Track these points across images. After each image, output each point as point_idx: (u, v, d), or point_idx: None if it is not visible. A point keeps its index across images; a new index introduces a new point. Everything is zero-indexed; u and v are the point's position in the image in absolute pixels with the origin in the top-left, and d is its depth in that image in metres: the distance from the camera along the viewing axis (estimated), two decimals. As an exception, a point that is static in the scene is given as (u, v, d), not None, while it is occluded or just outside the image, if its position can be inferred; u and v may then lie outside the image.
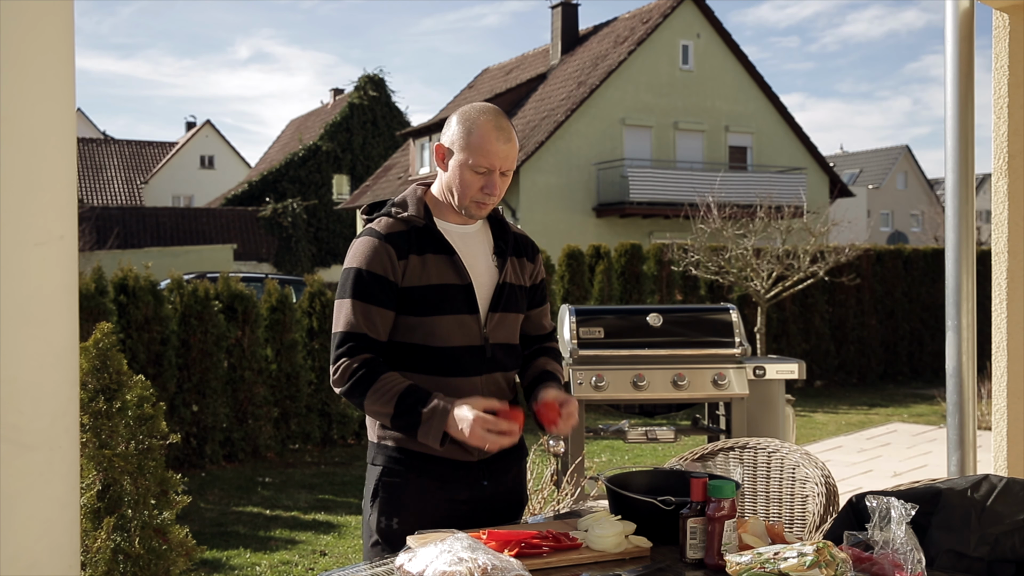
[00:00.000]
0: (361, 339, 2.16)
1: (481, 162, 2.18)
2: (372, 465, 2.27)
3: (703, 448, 2.74)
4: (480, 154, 2.17)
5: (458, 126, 2.21)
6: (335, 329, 2.20)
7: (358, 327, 2.16)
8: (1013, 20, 3.35)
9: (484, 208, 2.25)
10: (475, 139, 2.18)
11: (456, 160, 2.20)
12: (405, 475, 2.21)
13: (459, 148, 2.20)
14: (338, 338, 2.19)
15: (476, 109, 2.23)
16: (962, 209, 3.20)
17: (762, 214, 11.14)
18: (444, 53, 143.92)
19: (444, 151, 2.24)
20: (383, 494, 2.22)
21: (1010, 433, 3.35)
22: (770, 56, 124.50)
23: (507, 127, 2.21)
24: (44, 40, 1.40)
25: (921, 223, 45.38)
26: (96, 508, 3.17)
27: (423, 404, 2.12)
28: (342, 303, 2.20)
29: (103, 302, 7.34)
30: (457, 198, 2.23)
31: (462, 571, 1.70)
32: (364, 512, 2.29)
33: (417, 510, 2.19)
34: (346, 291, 2.19)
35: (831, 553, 1.69)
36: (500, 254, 2.32)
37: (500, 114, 2.23)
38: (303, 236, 31.45)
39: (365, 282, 2.17)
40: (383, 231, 2.21)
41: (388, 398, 2.12)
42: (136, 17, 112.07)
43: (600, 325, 4.87)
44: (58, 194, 1.43)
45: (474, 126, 2.19)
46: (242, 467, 7.83)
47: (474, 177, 2.19)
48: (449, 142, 2.23)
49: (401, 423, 2.13)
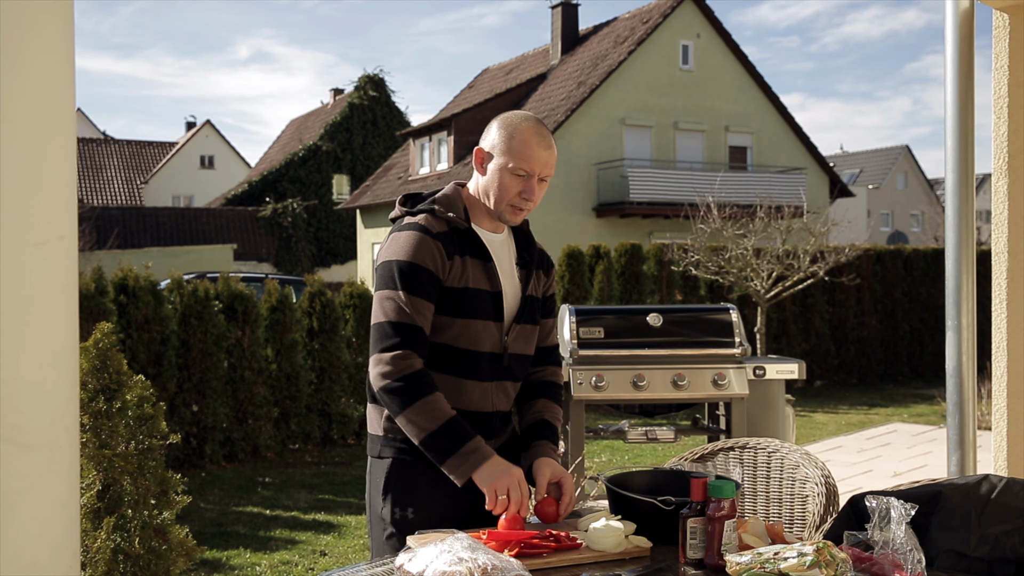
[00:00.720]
0: (414, 332, 2.14)
1: (522, 166, 2.21)
2: (379, 459, 2.27)
3: (703, 448, 2.74)
4: (521, 158, 2.21)
5: (499, 131, 2.26)
6: (383, 319, 2.16)
7: (411, 319, 2.14)
8: (1013, 20, 3.35)
9: (519, 214, 2.28)
10: (516, 143, 2.22)
11: (496, 164, 2.24)
12: (416, 465, 2.22)
13: (500, 152, 2.24)
14: (387, 328, 2.15)
15: (518, 116, 2.28)
16: (962, 209, 3.20)
17: (762, 214, 11.14)
18: (444, 53, 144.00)
19: (484, 155, 2.28)
20: (396, 485, 2.23)
21: (1010, 433, 3.35)
22: (770, 56, 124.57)
23: (548, 135, 2.26)
24: (44, 40, 1.40)
25: (921, 223, 45.39)
26: (96, 508, 3.17)
27: (467, 438, 2.12)
28: (391, 294, 2.16)
29: (103, 302, 7.34)
30: (494, 202, 2.25)
31: (462, 571, 1.70)
32: (373, 507, 2.28)
33: (431, 499, 2.21)
34: (395, 283, 2.16)
35: (831, 553, 1.69)
36: (524, 266, 2.36)
37: (541, 122, 2.29)
38: (303, 236, 31.47)
39: (416, 275, 2.16)
40: (431, 228, 2.20)
41: (436, 417, 2.11)
42: (136, 17, 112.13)
43: (600, 325, 4.87)
44: (58, 194, 1.43)
45: (516, 131, 2.24)
46: (242, 467, 7.83)
47: (513, 181, 2.23)
48: (489, 146, 2.26)
49: (436, 444, 2.11)
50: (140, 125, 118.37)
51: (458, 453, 2.10)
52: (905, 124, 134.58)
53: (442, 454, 2.11)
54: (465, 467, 2.10)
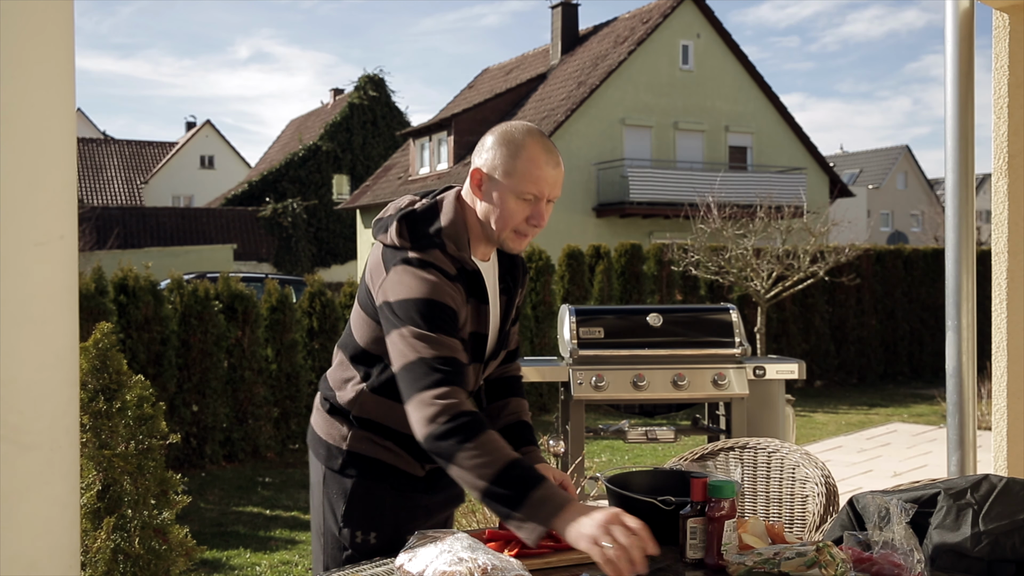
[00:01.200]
0: (457, 366, 1.86)
1: (529, 189, 1.96)
2: (339, 474, 2.08)
3: (703, 448, 2.74)
4: (528, 180, 1.96)
5: (500, 148, 1.98)
6: (415, 356, 1.85)
7: (451, 352, 1.87)
8: (1013, 20, 3.35)
9: (524, 240, 2.03)
10: (523, 164, 1.96)
11: (499, 188, 1.97)
12: (382, 486, 2.07)
13: (503, 174, 1.97)
14: (424, 365, 1.84)
15: (520, 130, 2.00)
16: (962, 209, 3.20)
17: (762, 214, 11.14)
18: (444, 53, 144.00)
19: (482, 177, 1.99)
20: (359, 508, 2.06)
21: (1010, 433, 3.35)
22: (770, 56, 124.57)
23: (555, 150, 2.02)
24: (44, 40, 1.40)
25: (921, 223, 45.40)
26: (96, 508, 3.17)
27: (534, 483, 1.74)
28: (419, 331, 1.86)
29: (103, 302, 7.34)
30: (496, 229, 2.00)
31: (462, 571, 1.70)
32: (327, 521, 2.10)
33: (395, 522, 2.09)
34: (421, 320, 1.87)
35: (831, 553, 1.69)
36: (506, 292, 2.15)
37: (544, 135, 2.04)
38: (303, 236, 31.48)
39: (443, 314, 1.90)
40: (448, 271, 1.95)
41: (492, 459, 1.76)
42: (136, 17, 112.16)
43: (600, 325, 4.87)
44: (58, 194, 1.43)
45: (520, 149, 1.97)
46: (242, 467, 7.83)
47: (520, 206, 1.98)
48: (489, 167, 1.98)
49: (498, 493, 1.74)
50: (140, 125, 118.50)
51: (526, 504, 1.73)
52: (905, 124, 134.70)
53: (508, 504, 1.74)
54: (537, 519, 1.73)
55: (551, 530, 1.72)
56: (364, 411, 2.09)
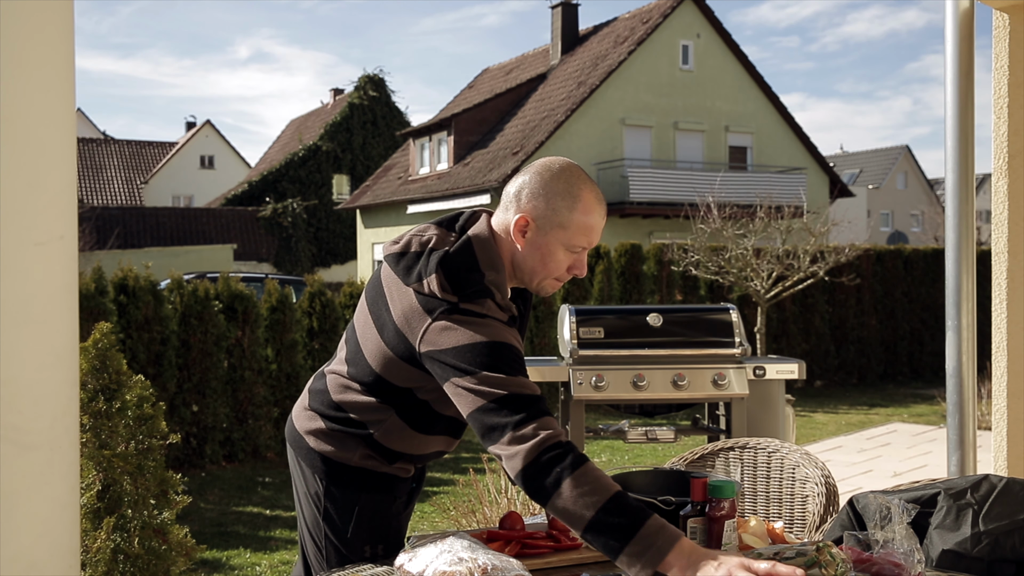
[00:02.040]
0: (539, 401, 1.76)
1: (581, 242, 1.84)
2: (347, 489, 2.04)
3: (703, 448, 2.74)
4: (582, 233, 1.83)
5: (552, 197, 1.83)
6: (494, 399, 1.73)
7: (531, 389, 1.77)
8: (1013, 20, 3.35)
9: (558, 286, 1.93)
10: (578, 216, 1.83)
11: (548, 238, 1.85)
12: (387, 499, 2.06)
13: (555, 224, 1.83)
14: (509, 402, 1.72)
15: (571, 176, 1.85)
16: (962, 209, 3.20)
17: (762, 214, 11.14)
18: (444, 53, 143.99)
19: (528, 224, 1.85)
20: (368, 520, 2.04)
21: (1010, 433, 3.35)
22: (770, 56, 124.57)
23: (602, 196, 1.90)
24: (44, 40, 1.40)
25: (921, 223, 45.39)
26: (96, 508, 3.17)
27: (645, 515, 1.63)
28: (488, 377, 1.75)
29: (103, 302, 7.34)
30: (537, 278, 1.90)
31: (462, 571, 1.70)
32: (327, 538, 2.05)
33: (399, 531, 2.09)
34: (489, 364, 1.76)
35: (831, 553, 1.69)
36: (512, 323, 2.00)
37: (592, 180, 1.89)
38: (303, 236, 31.48)
39: (512, 354, 1.80)
40: (500, 318, 1.84)
41: (599, 487, 1.64)
42: (136, 17, 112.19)
43: (600, 325, 4.87)
44: (58, 194, 1.43)
45: (576, 201, 1.83)
46: (242, 467, 7.83)
47: (567, 257, 1.87)
48: (540, 216, 1.84)
49: (609, 523, 1.61)
50: (140, 125, 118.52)
51: (638, 538, 1.59)
52: (905, 124, 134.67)
53: (616, 536, 1.61)
54: (653, 553, 1.58)
55: (664, 569, 1.58)
56: (387, 439, 2.02)
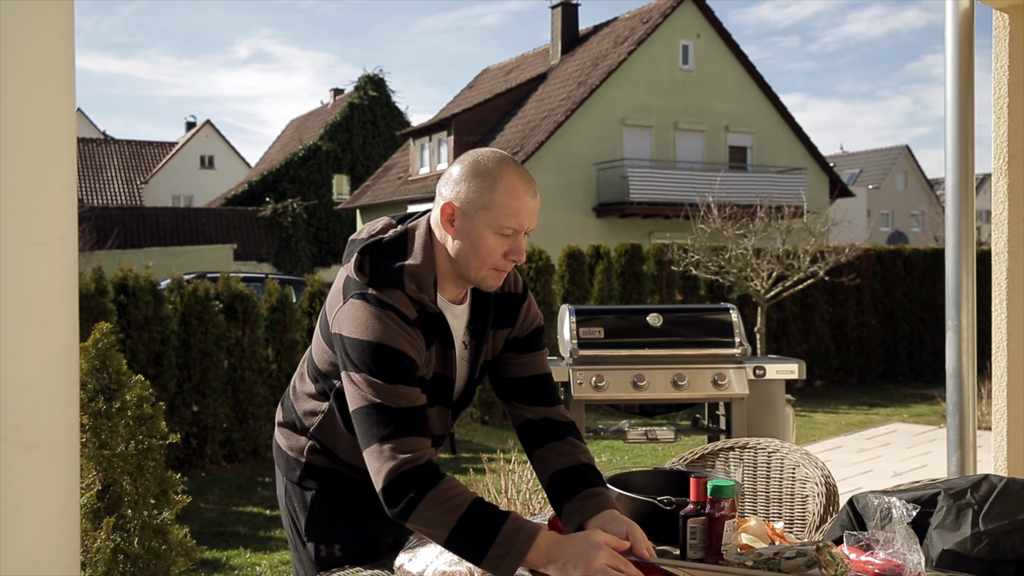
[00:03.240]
0: (414, 415, 1.77)
1: (509, 223, 1.81)
2: (299, 486, 2.04)
3: (703, 448, 2.74)
4: (507, 213, 1.81)
5: (473, 180, 1.82)
6: (366, 403, 1.76)
7: (408, 401, 1.78)
8: (1013, 20, 3.35)
9: (501, 276, 1.89)
10: (500, 196, 1.81)
11: (474, 222, 1.83)
12: (343, 497, 2.04)
13: (479, 207, 1.82)
14: (381, 412, 1.75)
15: (492, 159, 1.84)
16: (962, 209, 3.20)
17: (762, 214, 11.14)
18: (444, 53, 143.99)
19: (454, 211, 1.84)
20: (321, 521, 2.03)
21: (1010, 433, 3.35)
22: (770, 56, 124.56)
23: (531, 179, 1.87)
24: (44, 40, 1.40)
25: (921, 223, 45.38)
26: (96, 508, 3.17)
27: (499, 520, 1.69)
28: (371, 381, 1.77)
29: (103, 302, 7.34)
30: (474, 268, 1.86)
31: (462, 571, 1.70)
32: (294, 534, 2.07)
33: (360, 532, 2.05)
34: (373, 369, 1.77)
35: (831, 553, 1.69)
36: (475, 335, 2.00)
37: (518, 163, 1.88)
38: (303, 236, 31.46)
39: (398, 362, 1.79)
40: (407, 314, 1.83)
41: (453, 506, 1.69)
42: (135, 16, 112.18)
43: (600, 325, 4.87)
44: (58, 194, 1.43)
45: (497, 180, 1.81)
46: (242, 467, 7.84)
47: (498, 241, 1.83)
48: (463, 201, 1.83)
49: (463, 539, 1.68)
50: (140, 125, 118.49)
51: (496, 543, 1.66)
52: (905, 124, 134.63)
53: (475, 547, 1.68)
54: (512, 556, 1.66)
55: (527, 566, 1.67)
56: (322, 433, 2.04)
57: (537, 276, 10.67)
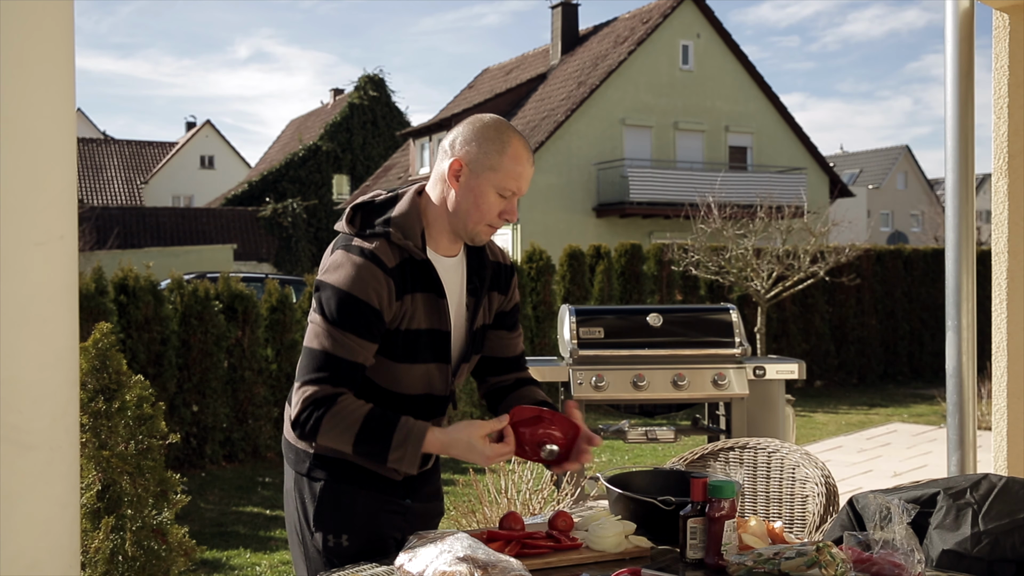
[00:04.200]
0: (348, 367, 1.93)
1: (511, 185, 1.98)
2: (308, 478, 2.08)
3: (703, 448, 2.74)
4: (511, 176, 1.97)
5: (484, 143, 1.98)
6: (317, 347, 1.93)
7: (348, 354, 1.93)
8: (1013, 20, 3.35)
9: (492, 233, 2.06)
10: (507, 160, 1.97)
11: (479, 180, 1.97)
12: (351, 487, 2.06)
13: (486, 167, 1.97)
14: (320, 358, 1.92)
15: (501, 126, 2.01)
16: (962, 209, 3.20)
17: (762, 214, 11.14)
18: (444, 53, 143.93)
19: (462, 168, 1.99)
20: (330, 511, 2.05)
21: (1010, 433, 3.35)
22: (770, 56, 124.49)
23: (530, 147, 2.05)
24: (44, 40, 1.40)
25: (921, 223, 45.38)
26: (96, 508, 3.17)
27: (392, 427, 1.91)
28: (329, 326, 1.93)
29: (103, 302, 7.34)
30: (472, 222, 2.00)
31: (462, 571, 1.70)
32: (300, 527, 2.09)
33: (367, 522, 2.06)
34: (333, 314, 1.92)
35: (831, 553, 1.69)
36: (473, 293, 2.12)
37: (519, 131, 2.06)
38: (303, 236, 31.45)
39: (362, 314, 1.92)
40: (386, 262, 1.95)
41: (351, 422, 1.90)
42: (135, 16, 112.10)
43: (600, 325, 4.87)
44: (58, 194, 1.43)
45: (506, 145, 1.98)
46: (242, 467, 7.84)
47: (497, 201, 1.99)
48: (472, 160, 1.98)
49: (366, 449, 1.91)
50: (140, 125, 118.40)
51: (392, 448, 1.90)
52: (905, 124, 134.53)
53: (378, 457, 1.92)
54: (408, 457, 1.91)
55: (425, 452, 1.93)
56: None
57: (537, 276, 10.66)
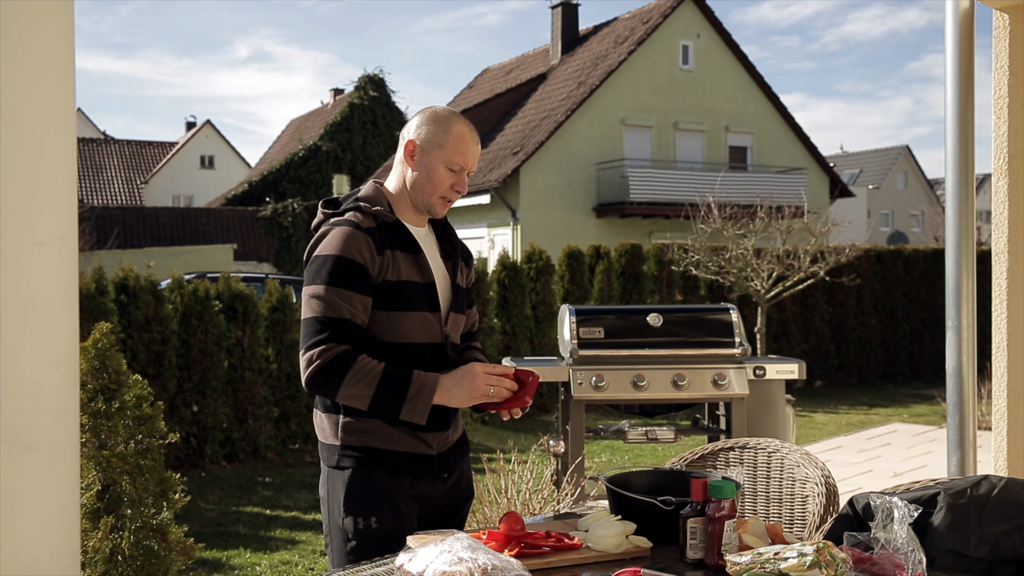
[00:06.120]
0: (343, 325, 2.14)
1: (457, 160, 2.28)
2: (337, 469, 2.25)
3: (703, 448, 2.74)
4: (457, 152, 2.28)
5: (432, 125, 2.30)
6: (310, 315, 2.16)
7: (339, 312, 2.14)
8: (1013, 20, 3.35)
9: (447, 206, 2.33)
10: (453, 138, 2.28)
11: (430, 157, 2.28)
12: (377, 473, 2.22)
13: (435, 145, 2.28)
14: (314, 324, 2.14)
15: (447, 111, 2.33)
16: (962, 209, 3.20)
17: (762, 214, 11.14)
18: (444, 53, 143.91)
19: (415, 148, 2.30)
20: (357, 495, 2.21)
21: (1010, 433, 3.35)
22: (770, 56, 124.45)
23: (474, 129, 2.36)
24: (44, 40, 1.40)
25: (921, 223, 45.37)
26: (95, 508, 3.17)
27: (406, 382, 2.15)
28: (318, 290, 2.16)
29: (103, 302, 7.34)
30: (426, 195, 2.30)
31: (462, 571, 1.70)
32: (332, 517, 2.26)
33: (393, 507, 2.22)
34: (323, 278, 2.16)
35: (831, 553, 1.69)
36: (448, 257, 2.41)
37: (465, 118, 2.36)
38: (303, 236, 31.41)
39: (346, 269, 2.16)
40: (361, 224, 2.22)
41: (370, 379, 2.12)
42: (135, 16, 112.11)
43: (600, 325, 4.87)
44: (58, 194, 1.43)
45: (450, 126, 2.29)
46: (242, 467, 7.83)
47: (447, 175, 2.29)
48: (422, 140, 2.30)
49: (383, 402, 2.13)
50: (140, 125, 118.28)
51: (407, 400, 2.13)
52: (905, 124, 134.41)
53: (393, 409, 2.14)
54: (421, 407, 2.14)
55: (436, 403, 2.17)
56: None
57: (537, 276, 10.66)
